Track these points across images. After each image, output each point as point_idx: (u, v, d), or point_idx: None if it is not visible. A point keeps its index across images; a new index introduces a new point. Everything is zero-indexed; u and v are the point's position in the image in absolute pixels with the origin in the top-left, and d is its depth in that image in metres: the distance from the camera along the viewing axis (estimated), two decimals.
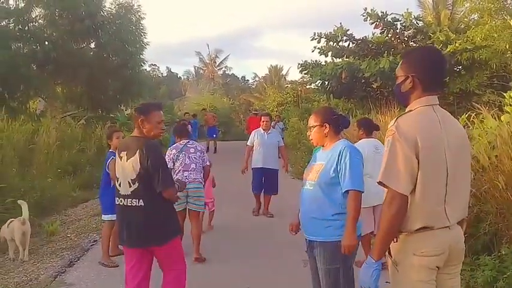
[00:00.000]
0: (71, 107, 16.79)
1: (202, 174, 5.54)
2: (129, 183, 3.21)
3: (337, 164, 2.97)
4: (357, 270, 2.56)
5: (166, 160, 4.94)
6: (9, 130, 10.30)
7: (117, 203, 3.32)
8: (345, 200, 2.94)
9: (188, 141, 5.70)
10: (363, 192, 2.94)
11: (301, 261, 3.45)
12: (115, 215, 3.61)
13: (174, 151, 5.55)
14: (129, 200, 3.22)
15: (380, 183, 2.18)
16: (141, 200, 3.19)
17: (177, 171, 5.38)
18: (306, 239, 3.12)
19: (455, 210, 2.19)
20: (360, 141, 5.10)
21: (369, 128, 5.31)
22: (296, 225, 3.24)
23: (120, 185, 3.28)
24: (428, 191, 2.12)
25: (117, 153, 3.39)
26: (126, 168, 3.23)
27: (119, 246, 4.71)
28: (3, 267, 5.10)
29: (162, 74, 56.70)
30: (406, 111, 2.25)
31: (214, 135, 18.34)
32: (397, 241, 2.18)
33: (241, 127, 29.74)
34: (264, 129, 7.59)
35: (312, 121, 3.17)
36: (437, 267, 2.19)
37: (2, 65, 12.55)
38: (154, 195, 3.18)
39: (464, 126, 6.52)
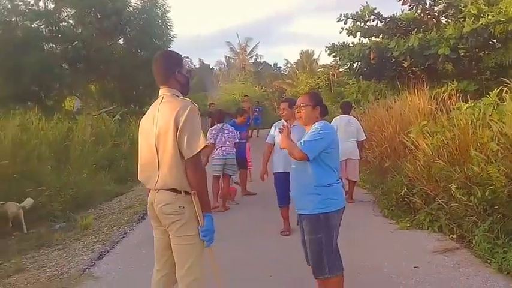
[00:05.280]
0: (105, 104, 17.15)
1: (234, 149, 7.61)
2: None
3: None
4: None
5: (209, 136, 7.53)
6: (45, 129, 10.63)
7: None
8: (325, 174, 3.29)
9: (224, 125, 7.76)
10: (305, 156, 3.23)
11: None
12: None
13: (214, 131, 7.65)
14: None
15: None
16: None
17: (217, 147, 7.51)
18: (297, 214, 3.51)
19: (160, 178, 2.73)
20: (338, 116, 7.85)
21: (347, 109, 8.00)
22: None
23: None
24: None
25: None
26: None
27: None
28: (37, 261, 5.28)
29: (194, 66, 57.18)
30: None
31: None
32: None
33: (275, 114, 29.67)
34: (285, 121, 5.65)
35: (306, 101, 3.46)
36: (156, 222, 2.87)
37: (35, 65, 12.92)
38: None
39: (493, 103, 6.27)
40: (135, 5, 15.20)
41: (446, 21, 12.12)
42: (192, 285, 2.75)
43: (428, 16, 12.46)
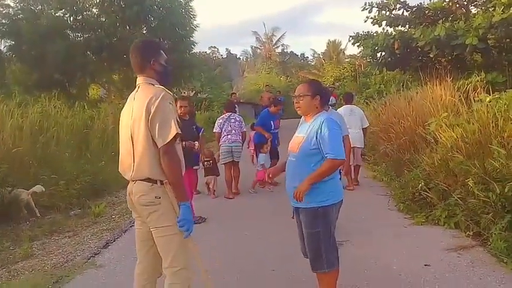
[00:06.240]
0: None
1: (240, 137, 7.92)
2: None
3: (316, 136, 3.12)
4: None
5: (216, 126, 8.02)
6: (67, 116, 10.74)
7: None
8: None
9: (231, 114, 8.09)
10: (343, 159, 3.14)
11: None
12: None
13: (221, 120, 8.02)
14: None
15: None
16: None
17: (223, 135, 7.86)
18: (292, 207, 3.34)
19: (135, 168, 2.68)
20: (342, 106, 8.29)
21: (348, 99, 8.46)
22: (273, 172, 3.57)
23: None
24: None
25: None
26: None
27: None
28: (46, 248, 5.34)
29: (221, 55, 57.30)
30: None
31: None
32: None
33: None
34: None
35: (304, 90, 3.29)
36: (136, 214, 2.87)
37: (59, 54, 13.12)
38: None
39: None
40: None
41: (475, 11, 11.63)
42: (178, 274, 2.69)
43: (457, 5, 11.99)
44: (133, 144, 2.67)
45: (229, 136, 7.84)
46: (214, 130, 8.12)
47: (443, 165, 5.80)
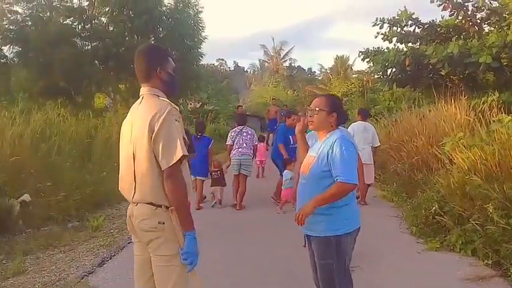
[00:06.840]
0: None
1: (251, 150, 8.04)
2: None
3: (327, 157, 2.82)
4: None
5: (228, 138, 8.24)
6: (72, 125, 10.54)
7: None
8: None
9: (243, 127, 8.22)
10: (355, 184, 2.80)
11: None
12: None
13: (233, 133, 8.21)
14: None
15: None
16: None
17: (234, 148, 8.02)
18: (304, 235, 3.04)
19: (137, 190, 2.40)
20: (356, 122, 8.19)
21: (365, 115, 8.38)
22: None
23: None
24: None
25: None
26: None
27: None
28: (40, 263, 5.07)
29: (229, 68, 57.42)
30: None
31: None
32: None
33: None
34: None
35: (321, 105, 2.96)
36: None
37: (66, 62, 12.98)
38: None
39: None
40: (168, 4, 15.16)
41: (488, 29, 11.41)
42: None
43: (470, 23, 11.76)
44: (134, 163, 2.40)
45: (240, 149, 7.99)
46: (226, 142, 8.33)
47: (460, 188, 5.52)
